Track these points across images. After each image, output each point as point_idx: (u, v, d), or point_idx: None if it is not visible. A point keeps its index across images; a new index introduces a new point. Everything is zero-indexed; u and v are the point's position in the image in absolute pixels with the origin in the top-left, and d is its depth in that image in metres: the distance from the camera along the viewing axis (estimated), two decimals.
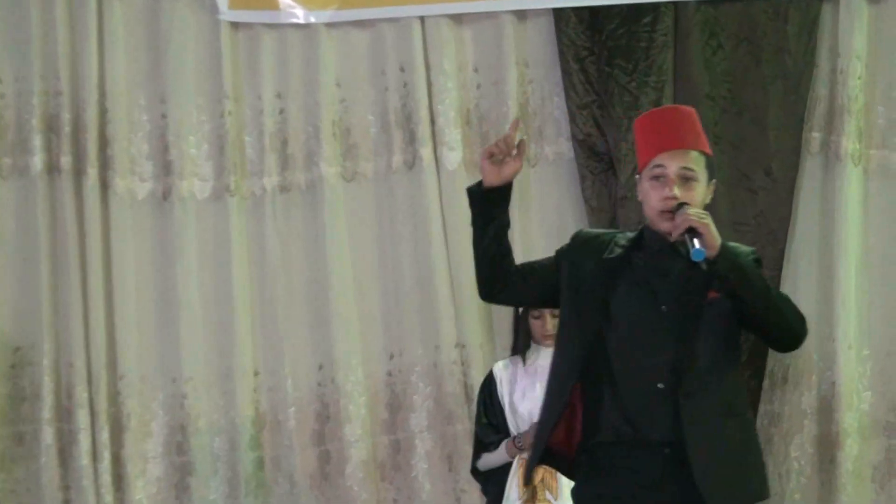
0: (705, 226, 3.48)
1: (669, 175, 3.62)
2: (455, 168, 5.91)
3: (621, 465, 3.60)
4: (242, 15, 5.98)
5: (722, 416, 3.59)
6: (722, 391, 3.59)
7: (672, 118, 3.81)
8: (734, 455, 3.59)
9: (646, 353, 3.59)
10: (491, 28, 5.94)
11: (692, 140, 3.71)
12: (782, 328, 3.61)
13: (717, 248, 3.47)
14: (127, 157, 6.01)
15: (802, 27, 5.79)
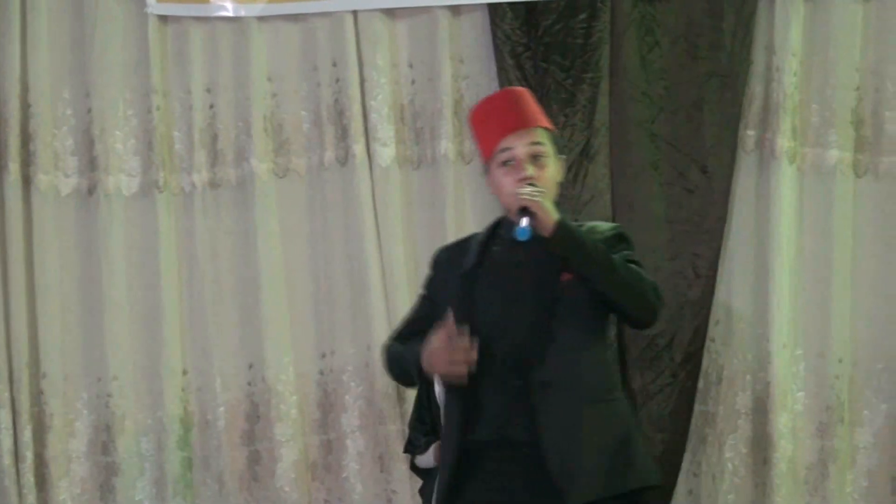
0: (537, 204, 3.43)
1: (519, 156, 3.58)
2: (388, 164, 5.88)
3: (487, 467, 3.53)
4: (171, 8, 5.92)
5: (582, 405, 3.50)
6: (583, 377, 3.51)
7: (507, 101, 3.76)
8: (597, 445, 3.50)
9: (505, 348, 3.52)
10: (425, 23, 5.91)
11: (533, 117, 3.67)
12: (632, 305, 3.54)
13: (551, 226, 3.42)
14: (51, 152, 5.95)
15: (738, 24, 5.79)
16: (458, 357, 3.47)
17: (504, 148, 3.60)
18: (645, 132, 5.83)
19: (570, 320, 3.51)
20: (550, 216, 3.43)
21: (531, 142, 3.60)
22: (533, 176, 3.56)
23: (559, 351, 3.49)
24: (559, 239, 3.42)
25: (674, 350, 5.79)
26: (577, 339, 3.51)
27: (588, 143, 5.78)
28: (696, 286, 5.79)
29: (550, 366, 3.47)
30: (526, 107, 3.70)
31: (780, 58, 5.75)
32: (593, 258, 3.46)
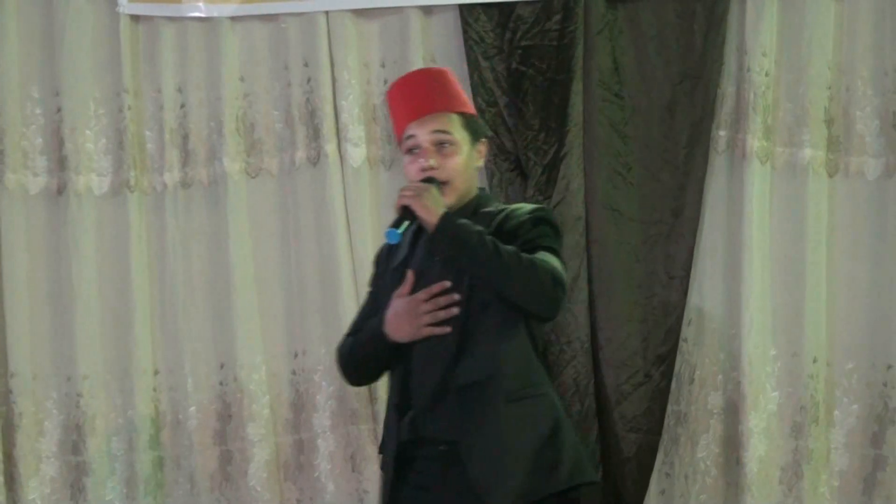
0: (418, 203, 3.34)
1: (422, 144, 3.50)
2: (359, 165, 5.85)
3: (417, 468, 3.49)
4: (143, 8, 5.89)
5: (502, 403, 3.41)
6: (501, 374, 3.42)
7: (420, 83, 3.65)
8: (519, 446, 3.41)
9: (425, 347, 3.47)
10: (397, 23, 5.89)
11: (444, 102, 3.56)
12: (525, 299, 3.41)
13: (433, 224, 3.33)
14: (19, 151, 5.90)
15: (710, 25, 5.79)
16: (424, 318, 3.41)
17: (409, 135, 3.53)
18: (617, 133, 5.82)
19: (485, 316, 3.42)
20: (432, 214, 3.34)
21: (434, 129, 3.50)
22: (434, 166, 3.47)
23: (475, 348, 3.41)
24: (441, 238, 3.34)
25: (647, 350, 5.79)
26: (493, 334, 3.43)
27: (561, 145, 5.77)
28: (668, 287, 5.80)
29: (467, 364, 3.40)
30: (437, 90, 3.58)
31: (752, 58, 5.75)
32: (478, 255, 3.34)
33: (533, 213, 3.52)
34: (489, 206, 3.60)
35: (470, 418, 3.38)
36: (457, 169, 3.50)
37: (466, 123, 3.56)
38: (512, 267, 3.34)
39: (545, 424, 3.47)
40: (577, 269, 5.75)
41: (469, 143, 3.56)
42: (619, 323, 5.80)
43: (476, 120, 3.61)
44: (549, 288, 3.37)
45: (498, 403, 3.39)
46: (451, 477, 3.42)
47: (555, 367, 5.74)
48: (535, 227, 3.49)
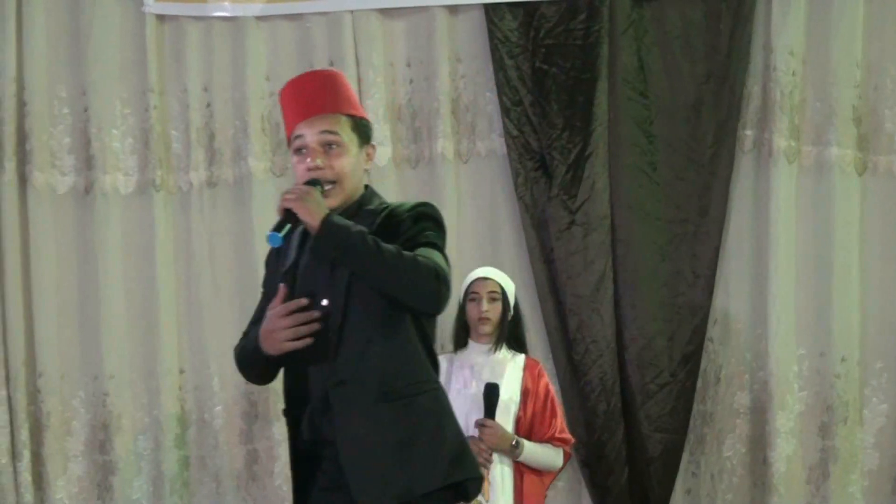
0: (300, 205, 3.29)
1: (309, 144, 3.44)
2: (385, 164, 5.88)
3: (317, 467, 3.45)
4: (168, 7, 5.93)
5: (378, 403, 3.36)
6: (377, 374, 3.37)
7: (310, 84, 3.57)
8: (392, 444, 3.36)
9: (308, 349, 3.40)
10: (422, 22, 5.93)
11: (333, 103, 3.50)
12: (407, 295, 3.33)
13: (317, 225, 3.28)
14: (47, 150, 5.95)
15: (736, 24, 5.82)
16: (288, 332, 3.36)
17: (297, 135, 3.48)
18: (643, 132, 5.85)
19: (363, 315, 3.37)
20: (315, 216, 3.28)
21: (322, 130, 3.42)
22: (320, 166, 3.42)
23: (352, 348, 3.37)
24: (323, 240, 3.29)
25: (672, 350, 5.80)
26: (369, 335, 3.38)
27: (586, 144, 5.79)
28: (694, 286, 5.81)
29: (344, 363, 3.36)
30: (327, 92, 3.52)
31: (778, 57, 5.77)
32: (360, 255, 3.29)
33: (414, 210, 3.46)
34: (372, 203, 3.55)
35: (346, 416, 3.36)
36: (343, 170, 3.42)
37: (356, 126, 3.49)
38: (394, 265, 3.30)
39: (424, 422, 3.41)
40: (603, 268, 5.78)
41: (357, 145, 3.50)
42: (644, 322, 5.82)
43: (366, 123, 3.57)
44: (432, 283, 3.32)
45: (372, 401, 3.34)
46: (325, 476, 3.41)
47: (580, 367, 5.78)
48: (416, 223, 3.45)
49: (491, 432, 4.74)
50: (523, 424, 4.86)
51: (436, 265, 3.33)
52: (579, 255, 5.82)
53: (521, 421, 4.86)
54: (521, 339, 5.02)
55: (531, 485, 4.88)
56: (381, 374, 3.36)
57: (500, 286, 4.97)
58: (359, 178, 3.50)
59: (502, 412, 4.83)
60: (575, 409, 5.79)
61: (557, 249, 5.83)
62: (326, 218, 3.27)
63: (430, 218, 3.46)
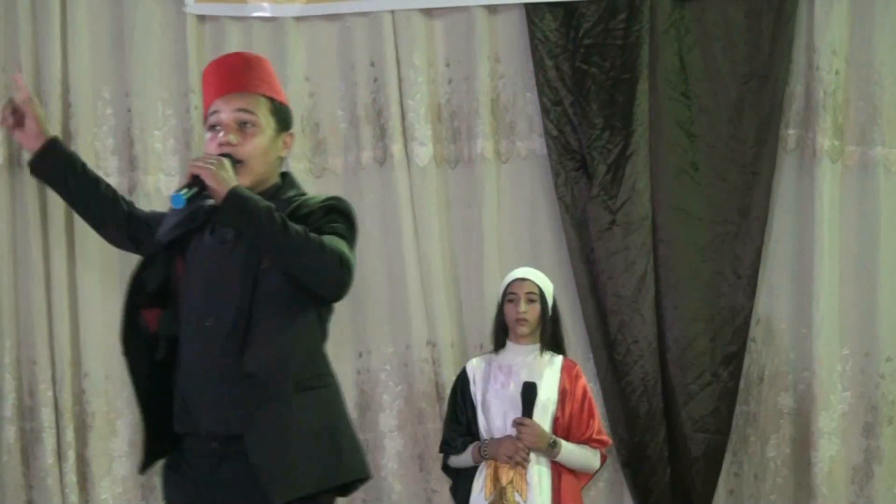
0: (208, 171, 3.23)
1: (224, 120, 3.39)
2: (426, 164, 5.91)
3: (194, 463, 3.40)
4: (209, 8, 5.95)
5: (287, 395, 3.32)
6: (286, 365, 3.33)
7: (234, 63, 3.54)
8: (302, 437, 3.33)
9: (200, 331, 3.36)
10: (462, 22, 5.94)
11: (253, 83, 3.47)
12: (310, 277, 3.31)
13: (222, 195, 3.22)
14: (91, 151, 5.96)
15: (778, 23, 5.81)
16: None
17: (213, 111, 3.44)
18: (684, 132, 5.85)
19: (271, 306, 3.32)
20: (222, 185, 3.22)
21: (238, 108, 3.40)
22: (231, 143, 3.37)
23: (260, 339, 3.31)
24: (228, 208, 3.22)
25: (714, 350, 5.81)
26: (278, 325, 3.33)
27: (626, 144, 5.80)
28: (736, 286, 5.81)
29: (251, 355, 3.28)
30: (249, 71, 3.49)
31: (821, 56, 5.76)
32: (265, 228, 3.23)
33: (325, 203, 3.43)
34: (288, 193, 3.50)
35: (258, 408, 3.28)
36: (255, 150, 3.38)
37: (275, 110, 3.46)
38: (299, 243, 3.26)
39: (329, 417, 3.41)
40: (644, 268, 5.79)
41: (274, 129, 3.44)
42: (686, 323, 5.82)
43: (286, 109, 3.54)
44: (336, 268, 3.29)
45: (285, 393, 3.30)
46: (222, 474, 3.36)
47: (622, 367, 5.80)
48: (326, 215, 3.43)
49: (529, 431, 4.76)
50: (561, 425, 4.87)
51: (340, 251, 3.30)
52: (620, 255, 5.82)
53: (558, 422, 4.87)
54: (559, 340, 5.02)
55: (568, 485, 4.89)
56: (290, 367, 3.33)
57: (539, 287, 4.98)
58: (272, 164, 3.46)
59: (540, 412, 4.85)
60: (616, 409, 5.80)
61: (598, 250, 5.84)
62: (234, 187, 3.22)
63: (340, 212, 3.43)
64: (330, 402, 3.43)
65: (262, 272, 3.31)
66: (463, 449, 4.92)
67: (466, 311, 5.96)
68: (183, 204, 3.23)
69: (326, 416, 3.39)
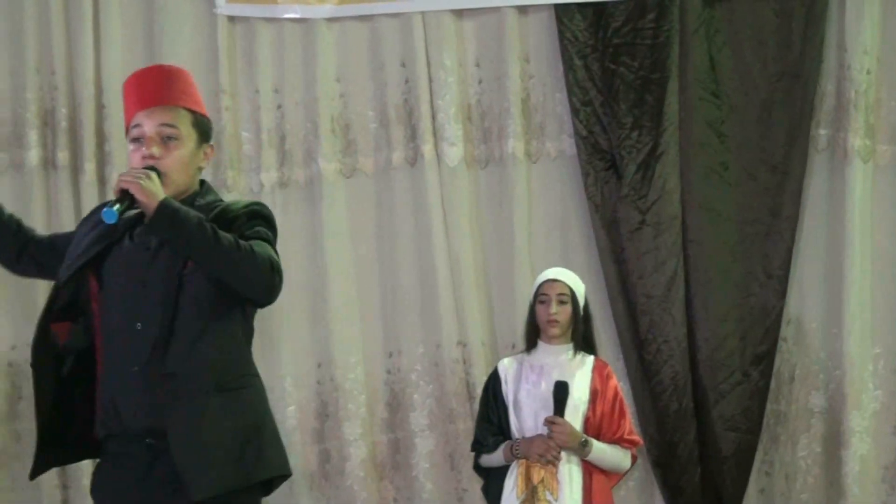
0: (136, 185, 3.28)
1: (147, 133, 3.45)
2: (456, 164, 5.94)
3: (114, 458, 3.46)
4: (240, 9, 6.00)
5: (208, 395, 3.39)
6: (208, 366, 3.40)
7: (156, 76, 3.61)
8: (224, 436, 3.40)
9: (128, 335, 3.41)
10: (492, 23, 5.97)
11: (175, 96, 3.52)
12: (242, 284, 3.39)
13: (152, 208, 3.28)
14: (125, 152, 5.74)
15: (808, 22, 5.83)
16: None
17: (136, 124, 3.50)
18: (714, 132, 5.87)
19: (194, 308, 3.40)
20: (151, 198, 3.28)
21: (161, 122, 3.45)
22: (155, 155, 3.43)
23: (183, 340, 3.39)
24: (159, 221, 3.30)
25: (745, 350, 5.82)
26: (202, 327, 3.41)
27: (656, 144, 5.82)
28: (766, 286, 5.83)
29: (174, 355, 3.37)
30: (170, 85, 3.55)
31: (852, 56, 5.77)
32: (196, 239, 3.31)
33: (248, 208, 3.52)
34: (205, 199, 3.58)
35: (176, 408, 3.35)
36: (176, 163, 3.45)
37: (196, 122, 3.52)
38: (231, 252, 3.34)
39: (250, 416, 3.48)
40: (675, 268, 5.81)
41: (195, 141, 3.51)
42: (716, 322, 5.84)
43: (206, 122, 3.58)
44: (268, 274, 3.38)
45: (205, 395, 3.38)
46: (157, 470, 3.39)
47: (652, 367, 5.81)
48: (249, 220, 3.48)
49: (560, 430, 4.76)
50: (592, 425, 4.87)
51: (271, 257, 3.39)
52: (650, 255, 5.85)
53: (589, 421, 4.87)
54: (590, 341, 5.01)
55: (599, 484, 4.88)
56: (212, 367, 3.39)
57: (570, 288, 4.98)
58: (192, 174, 3.52)
59: (571, 412, 4.83)
60: (646, 408, 5.83)
61: (628, 250, 5.87)
62: (164, 200, 3.29)
63: (264, 217, 3.51)
64: (252, 401, 3.49)
65: (186, 275, 3.38)
66: (495, 448, 4.91)
67: (497, 311, 5.99)
68: (116, 219, 3.29)
69: (248, 416, 3.46)
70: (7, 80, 6.03)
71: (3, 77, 6.02)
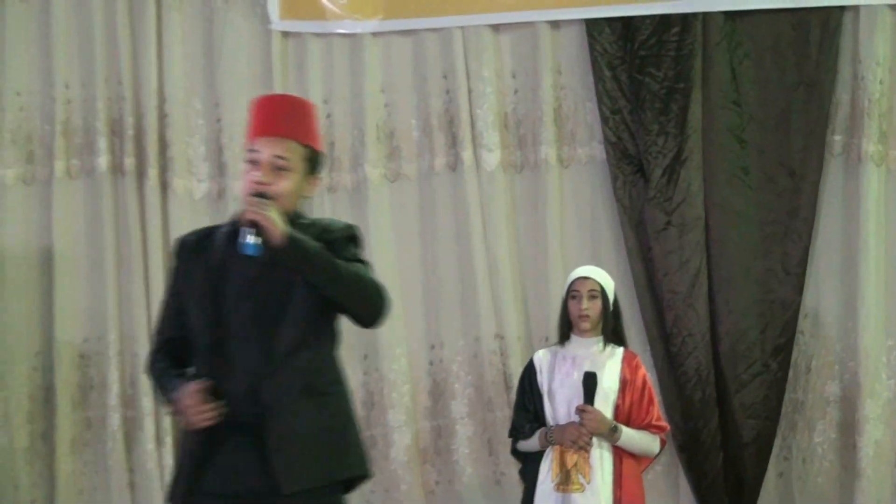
0: (266, 219, 3.42)
1: (262, 160, 3.57)
2: (494, 169, 6.01)
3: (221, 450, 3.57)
4: (293, 25, 6.08)
5: (302, 397, 3.55)
6: (304, 373, 3.56)
7: (279, 106, 3.73)
8: (311, 435, 3.55)
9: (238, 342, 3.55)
10: (527, 36, 6.03)
11: (292, 129, 3.63)
12: (356, 309, 3.57)
13: (279, 240, 3.42)
14: (185, 158, 6.11)
15: (824, 36, 5.85)
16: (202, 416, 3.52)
17: (254, 148, 3.61)
18: (735, 138, 5.92)
19: (297, 320, 3.56)
20: (278, 229, 3.41)
21: (276, 154, 3.57)
22: (265, 182, 3.55)
23: (284, 347, 3.54)
24: (287, 252, 3.44)
25: (765, 342, 5.87)
26: (301, 337, 3.56)
27: (681, 149, 5.87)
28: (785, 283, 5.88)
29: (277, 361, 3.53)
30: (291, 117, 3.67)
31: (866, 67, 5.81)
32: (320, 268, 3.48)
33: (348, 232, 3.67)
34: (303, 218, 3.73)
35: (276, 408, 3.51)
36: (284, 191, 3.57)
37: (307, 156, 3.64)
38: (348, 280, 3.52)
39: (339, 417, 3.65)
40: (698, 266, 5.85)
41: (303, 173, 3.63)
42: (737, 317, 5.88)
43: (318, 156, 3.69)
44: (376, 299, 3.58)
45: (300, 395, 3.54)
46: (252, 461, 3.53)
47: (677, 358, 5.86)
48: (349, 243, 3.64)
49: (590, 417, 4.80)
50: (622, 412, 4.89)
51: (378, 283, 3.59)
52: (675, 254, 5.88)
53: (619, 409, 4.89)
54: (619, 333, 5.03)
55: (629, 468, 4.90)
56: (307, 372, 3.57)
57: (600, 284, 4.99)
58: (295, 201, 3.64)
59: (602, 400, 4.86)
60: (672, 397, 5.86)
61: (655, 249, 5.90)
62: (291, 234, 3.44)
63: (359, 241, 3.69)
64: (340, 405, 3.66)
65: (293, 290, 3.55)
66: (531, 434, 4.95)
67: (532, 306, 6.04)
68: (255, 251, 3.45)
69: (336, 418, 3.63)
70: (79, 90, 6.12)
71: (76, 88, 6.12)
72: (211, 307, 3.60)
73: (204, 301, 3.61)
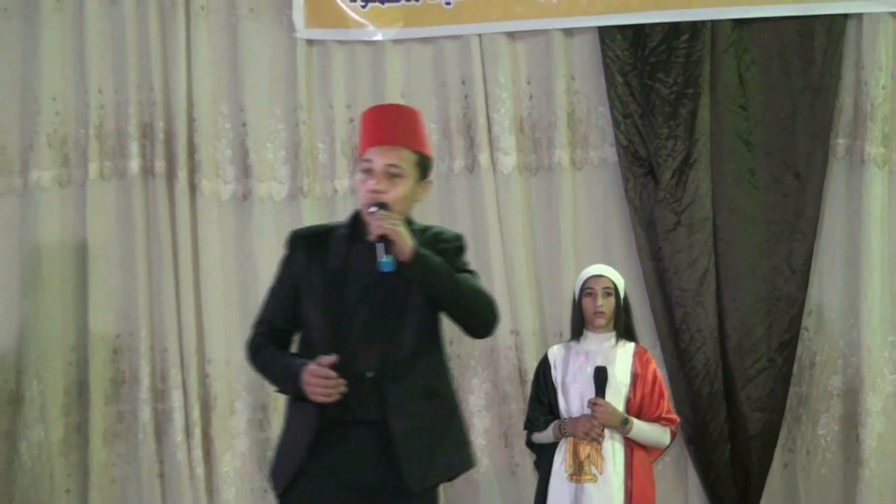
0: (397, 234, 3.51)
1: (376, 169, 3.66)
2: (510, 171, 6.07)
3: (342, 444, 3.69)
4: (317, 33, 6.14)
5: (423, 399, 3.68)
6: (423, 376, 3.69)
7: (390, 115, 3.81)
8: (433, 434, 3.68)
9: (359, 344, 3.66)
10: (542, 44, 6.08)
11: (404, 138, 3.71)
12: (471, 322, 3.68)
13: (408, 254, 3.51)
14: (212, 161, 6.16)
15: (829, 42, 5.90)
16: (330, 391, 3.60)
17: (367, 158, 3.70)
18: (742, 141, 5.97)
19: (415, 327, 3.68)
20: (406, 244, 3.50)
21: (389, 162, 3.65)
22: (381, 190, 3.63)
23: (408, 353, 3.66)
24: (414, 266, 3.53)
25: (770, 338, 5.92)
26: (421, 343, 3.69)
27: (690, 152, 5.93)
28: (790, 280, 5.93)
29: (400, 365, 3.65)
30: (403, 125, 3.75)
31: (869, 72, 5.87)
32: (441, 283, 3.58)
33: (459, 242, 3.77)
34: (414, 223, 3.77)
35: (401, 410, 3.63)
36: (398, 198, 3.66)
37: (419, 162, 3.72)
38: (466, 294, 3.63)
39: (455, 419, 3.81)
40: (706, 265, 5.90)
41: (415, 179, 3.72)
42: (744, 313, 5.93)
43: (428, 161, 3.76)
44: (489, 313, 3.71)
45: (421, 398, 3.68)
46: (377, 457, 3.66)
47: (686, 354, 5.91)
48: (460, 254, 3.75)
49: (602, 410, 4.88)
50: (633, 405, 4.97)
51: (490, 296, 3.72)
52: (684, 253, 5.94)
53: (630, 402, 4.97)
54: (630, 329, 5.12)
55: (640, 459, 4.99)
56: (425, 377, 3.72)
57: (613, 282, 5.10)
58: (408, 206, 3.75)
59: (614, 393, 4.94)
60: (681, 391, 5.92)
61: (664, 248, 5.96)
62: (418, 250, 3.56)
63: (466, 250, 3.82)
64: (453, 406, 3.83)
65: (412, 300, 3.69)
66: (545, 427, 5.03)
67: (547, 303, 6.10)
68: (393, 267, 3.54)
69: (453, 420, 3.79)
70: (112, 95, 6.18)
71: (109, 93, 6.18)
72: (331, 310, 3.70)
73: (324, 303, 3.70)
